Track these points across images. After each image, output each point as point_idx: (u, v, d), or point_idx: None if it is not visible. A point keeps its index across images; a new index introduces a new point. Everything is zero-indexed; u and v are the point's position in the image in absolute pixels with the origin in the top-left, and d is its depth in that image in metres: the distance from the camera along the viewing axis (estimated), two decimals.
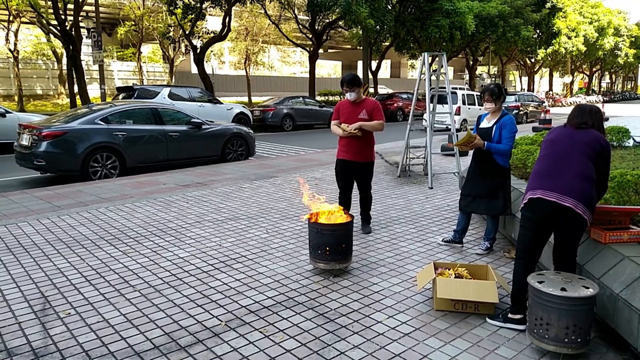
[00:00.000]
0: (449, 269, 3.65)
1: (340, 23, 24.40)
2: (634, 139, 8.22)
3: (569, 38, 41.18)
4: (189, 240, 5.00)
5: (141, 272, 4.12)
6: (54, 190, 7.46)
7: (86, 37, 20.27)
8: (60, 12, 17.99)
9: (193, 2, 20.01)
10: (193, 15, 20.30)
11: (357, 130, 4.82)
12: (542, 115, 17.94)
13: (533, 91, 47.06)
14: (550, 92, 48.72)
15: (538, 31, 32.94)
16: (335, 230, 3.98)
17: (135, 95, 14.74)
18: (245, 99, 31.90)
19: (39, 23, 22.08)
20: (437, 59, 8.05)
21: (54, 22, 18.52)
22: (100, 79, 19.03)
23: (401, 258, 4.47)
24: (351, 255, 4.14)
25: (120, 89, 16.51)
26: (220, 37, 21.69)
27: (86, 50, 24.89)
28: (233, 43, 32.57)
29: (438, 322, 3.26)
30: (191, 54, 23.12)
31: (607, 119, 21.07)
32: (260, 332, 3.11)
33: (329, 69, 68.46)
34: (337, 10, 20.37)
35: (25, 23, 26.20)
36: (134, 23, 29.05)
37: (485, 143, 4.34)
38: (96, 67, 23.34)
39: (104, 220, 5.72)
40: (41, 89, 30.33)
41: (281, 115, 18.96)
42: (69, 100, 22.07)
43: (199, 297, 3.63)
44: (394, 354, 2.87)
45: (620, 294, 2.85)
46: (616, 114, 25.39)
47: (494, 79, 39.14)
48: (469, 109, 18.34)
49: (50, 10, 19.77)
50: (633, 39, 55.15)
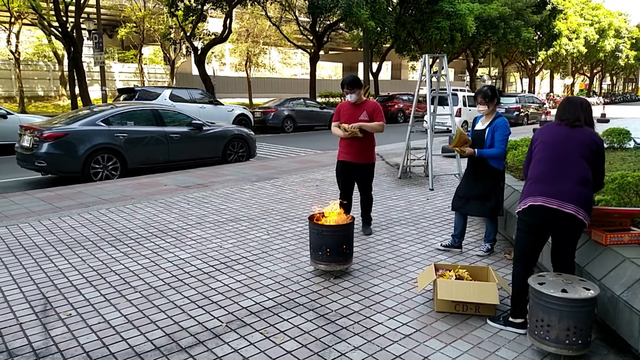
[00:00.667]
0: (450, 271, 3.66)
1: (341, 25, 24.44)
2: (634, 141, 8.22)
3: (570, 40, 41.21)
4: (190, 241, 5.00)
5: (142, 273, 4.12)
6: (55, 191, 7.47)
7: (87, 39, 20.30)
8: (62, 14, 18.04)
9: (194, 4, 20.05)
10: (194, 17, 20.34)
11: (358, 131, 4.82)
12: (543, 116, 17.98)
13: (534, 93, 47.06)
14: (551, 94, 48.76)
15: (539, 33, 32.95)
16: (335, 231, 3.98)
17: (136, 97, 14.77)
18: (246, 101, 31.93)
19: (41, 25, 22.13)
20: (438, 60, 8.06)
21: (56, 24, 18.57)
22: (102, 81, 19.06)
23: (402, 259, 4.47)
24: (352, 256, 4.14)
25: (121, 91, 16.53)
26: (221, 39, 21.72)
27: (87, 51, 24.93)
28: (234, 45, 32.64)
29: (439, 324, 3.25)
30: (192, 55, 23.15)
31: (608, 121, 21.13)
32: (261, 333, 3.11)
33: (330, 70, 68.51)
34: (338, 12, 20.41)
35: (27, 25, 26.27)
36: (135, 25, 29.11)
37: (476, 151, 4.35)
38: (97, 69, 23.40)
39: (105, 222, 5.72)
40: (42, 91, 30.39)
41: (282, 116, 18.97)
42: (70, 101, 22.11)
43: (200, 298, 3.63)
44: (394, 355, 2.87)
45: (621, 296, 2.85)
46: (617, 116, 25.38)
47: (494, 81, 39.16)
48: (470, 110, 18.34)
49: (52, 12, 19.82)
50: (634, 41, 55.19)
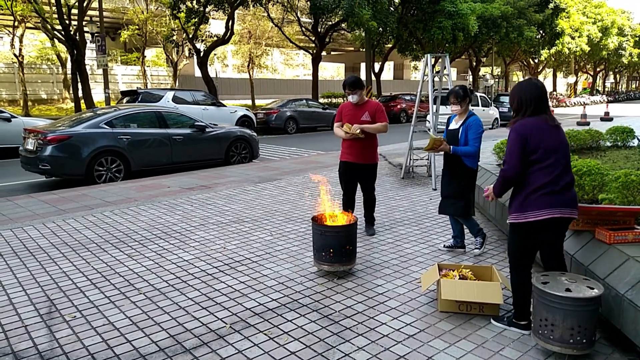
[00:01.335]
0: (453, 270, 3.65)
1: (342, 25, 24.41)
2: (638, 139, 8.18)
3: (573, 38, 41.04)
4: (194, 243, 5.01)
5: (146, 275, 4.13)
6: (59, 194, 7.50)
7: (90, 42, 20.38)
8: (65, 17, 18.11)
9: (196, 6, 20.09)
10: (196, 19, 20.38)
11: (359, 132, 4.82)
12: None
13: None
14: (554, 93, 48.59)
15: (541, 32, 32.85)
16: (339, 232, 3.98)
17: (139, 99, 14.81)
18: (249, 102, 31.96)
19: (44, 28, 22.23)
20: (440, 60, 8.05)
21: (59, 27, 18.65)
22: (105, 83, 19.09)
23: (405, 260, 4.46)
24: (355, 257, 4.14)
25: (124, 93, 16.58)
26: (223, 41, 21.75)
27: (90, 54, 24.99)
28: (236, 46, 32.68)
29: (442, 324, 3.25)
30: (195, 57, 23.19)
31: (612, 119, 21.06)
32: (265, 334, 3.12)
33: (332, 71, 68.54)
34: (340, 12, 20.42)
35: (30, 28, 26.38)
36: (137, 27, 29.17)
37: (451, 148, 4.37)
38: (100, 71, 23.47)
39: (109, 224, 5.74)
40: (46, 94, 30.51)
41: (284, 117, 18.98)
42: (73, 104, 22.20)
43: (204, 300, 3.64)
44: (398, 355, 2.87)
45: (625, 295, 2.84)
46: (621, 114, 25.29)
47: (497, 80, 39.07)
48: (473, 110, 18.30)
49: (55, 15, 19.92)
50: (637, 39, 54.89)
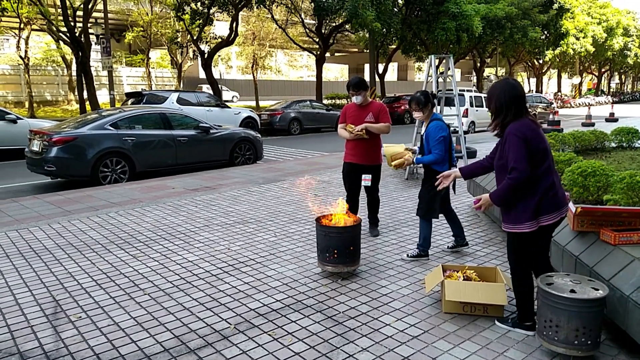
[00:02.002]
0: (458, 272, 3.65)
1: (346, 26, 24.44)
2: None
3: (577, 39, 40.88)
4: (198, 244, 5.03)
5: (151, 276, 4.15)
6: (64, 195, 7.54)
7: (95, 44, 20.48)
8: (70, 19, 18.22)
9: (201, 8, 20.16)
10: (201, 21, 20.44)
11: (363, 132, 4.83)
12: (551, 116, 17.84)
13: (541, 92, 46.76)
14: (559, 94, 48.40)
15: (546, 32, 32.75)
16: (342, 233, 3.98)
17: (144, 101, 14.85)
18: (253, 103, 32.03)
19: (49, 30, 22.37)
20: (444, 61, 8.05)
21: (64, 29, 18.77)
22: (110, 85, 19.21)
23: (409, 261, 4.46)
24: (359, 258, 4.15)
25: (129, 95, 16.65)
26: (227, 42, 21.81)
27: (95, 56, 25.18)
28: (240, 48, 32.73)
29: (447, 325, 3.25)
30: (199, 59, 23.27)
31: (617, 120, 20.96)
32: (269, 335, 3.13)
33: (336, 72, 68.58)
34: (344, 13, 20.42)
35: (36, 30, 26.58)
36: (142, 29, 29.31)
37: (415, 159, 4.42)
38: (105, 73, 23.59)
39: (114, 225, 5.77)
40: (51, 95, 30.71)
41: (289, 119, 19.01)
42: (78, 106, 22.30)
43: (209, 300, 3.65)
44: (402, 356, 2.87)
45: (630, 296, 2.83)
46: (626, 115, 25.17)
47: None
48: (477, 111, 18.27)
49: (60, 18, 20.02)
50: None
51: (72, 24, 18.61)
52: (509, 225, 3.03)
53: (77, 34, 18.79)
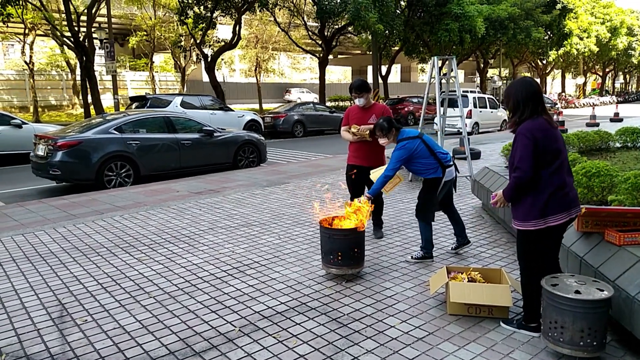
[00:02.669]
0: (462, 273, 3.64)
1: (349, 29, 24.45)
2: None
3: (581, 39, 40.74)
4: (203, 247, 5.04)
5: (156, 279, 4.17)
6: (69, 199, 7.57)
7: (99, 48, 20.59)
8: (74, 24, 18.30)
9: (204, 12, 20.21)
10: (204, 25, 20.51)
11: (367, 134, 4.84)
12: (555, 117, 17.81)
13: (545, 93, 46.62)
14: (563, 94, 48.24)
15: (549, 33, 32.64)
16: (346, 235, 3.99)
17: (148, 105, 14.92)
18: (256, 106, 32.08)
19: (53, 35, 22.51)
20: (447, 62, 8.04)
21: (68, 34, 18.84)
22: (114, 89, 19.27)
23: (414, 262, 4.46)
24: (363, 260, 4.15)
25: (133, 99, 16.73)
26: (230, 46, 21.86)
27: (99, 60, 25.22)
28: (243, 51, 32.81)
29: (452, 327, 3.25)
30: (202, 62, 23.32)
31: (622, 120, 20.87)
32: (274, 338, 3.13)
33: (339, 74, 68.57)
34: (346, 16, 20.44)
35: (40, 35, 26.73)
36: (145, 33, 29.41)
37: (402, 177, 4.61)
38: (109, 77, 23.64)
39: (119, 228, 5.79)
40: (55, 100, 30.83)
41: (292, 121, 19.04)
42: (82, 110, 22.41)
43: (213, 303, 3.66)
44: (407, 358, 2.87)
45: (636, 297, 2.82)
46: (631, 115, 25.06)
47: (505, 81, 38.87)
48: (481, 112, 18.25)
49: (64, 23, 20.15)
50: None
51: (76, 28, 18.70)
52: (516, 222, 3.05)
53: (81, 39, 18.89)
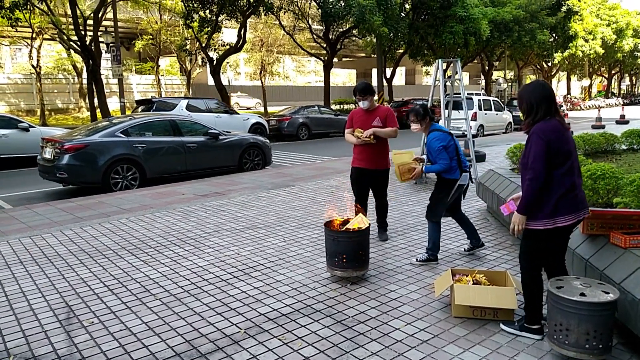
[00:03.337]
0: (467, 276, 3.64)
1: (354, 32, 24.48)
2: None
3: (586, 41, 40.56)
4: (208, 249, 5.07)
5: (162, 281, 4.19)
6: (76, 202, 7.63)
7: (105, 52, 20.75)
8: (80, 28, 18.44)
9: (209, 16, 20.31)
10: (209, 28, 20.59)
11: (371, 137, 4.85)
12: None
13: None
14: (569, 96, 48.03)
15: (554, 35, 32.54)
16: (351, 237, 4.00)
17: (153, 108, 15.00)
18: (261, 109, 32.15)
19: (60, 39, 22.65)
20: (452, 65, 8.05)
21: (75, 38, 18.97)
22: (120, 92, 19.41)
23: (418, 265, 4.46)
24: (368, 262, 4.16)
25: (139, 102, 16.81)
26: (235, 49, 21.94)
27: (106, 64, 25.42)
28: (248, 54, 32.92)
29: (456, 329, 3.25)
30: (208, 66, 23.43)
31: (628, 122, 20.76)
32: (279, 340, 3.14)
33: (344, 77, 68.69)
34: (351, 19, 20.47)
35: (47, 39, 26.92)
36: (151, 37, 29.59)
37: (423, 168, 4.42)
38: (115, 81, 23.82)
39: (125, 231, 5.83)
40: (62, 103, 31.06)
41: (297, 124, 19.09)
42: (89, 113, 22.53)
43: (219, 305, 3.68)
44: None
45: None
46: (637, 117, 24.92)
47: (510, 84, 38.79)
48: (486, 114, 18.20)
49: (71, 27, 20.29)
50: None
51: (83, 32, 18.84)
52: (533, 222, 3.04)
53: (88, 43, 19.02)
